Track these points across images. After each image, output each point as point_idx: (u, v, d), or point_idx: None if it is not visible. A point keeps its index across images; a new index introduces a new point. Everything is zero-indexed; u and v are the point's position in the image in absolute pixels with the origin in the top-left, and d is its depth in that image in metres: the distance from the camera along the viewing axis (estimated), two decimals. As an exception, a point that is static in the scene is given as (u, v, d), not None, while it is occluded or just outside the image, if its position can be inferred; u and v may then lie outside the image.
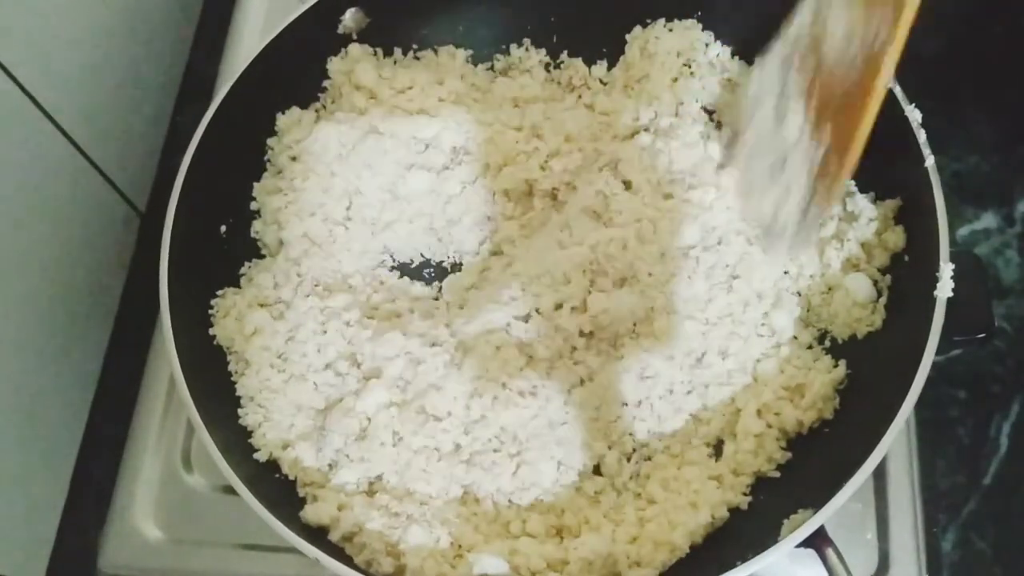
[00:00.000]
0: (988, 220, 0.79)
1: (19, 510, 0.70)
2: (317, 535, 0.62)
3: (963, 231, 0.79)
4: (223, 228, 0.73)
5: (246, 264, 0.74)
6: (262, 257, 0.74)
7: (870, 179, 0.70)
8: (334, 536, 0.63)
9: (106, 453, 0.75)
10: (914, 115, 0.65)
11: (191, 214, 0.68)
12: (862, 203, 0.70)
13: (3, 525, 0.68)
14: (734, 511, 0.64)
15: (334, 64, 0.78)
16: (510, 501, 0.66)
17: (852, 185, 0.71)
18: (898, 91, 0.65)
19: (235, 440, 0.65)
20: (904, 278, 0.66)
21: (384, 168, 0.75)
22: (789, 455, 0.66)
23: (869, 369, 0.66)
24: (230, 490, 0.60)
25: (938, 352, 0.73)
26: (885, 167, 0.68)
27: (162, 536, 0.71)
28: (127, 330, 0.81)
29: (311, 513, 0.63)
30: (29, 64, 0.66)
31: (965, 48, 0.87)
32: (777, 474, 0.65)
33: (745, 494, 0.65)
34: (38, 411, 0.72)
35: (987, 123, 0.83)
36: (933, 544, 0.68)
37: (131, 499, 0.72)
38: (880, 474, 0.69)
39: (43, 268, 0.72)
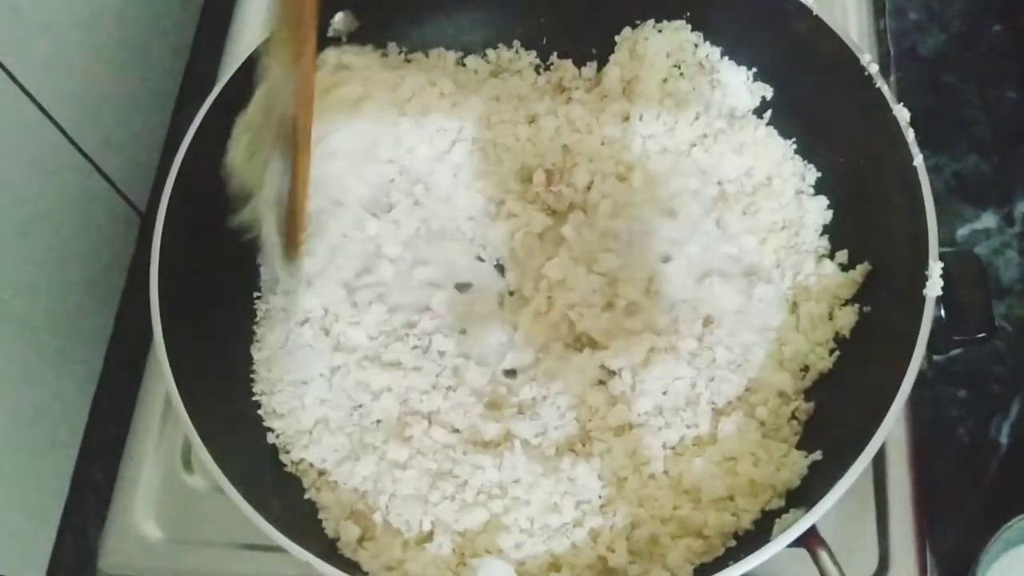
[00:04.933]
0: (988, 220, 0.79)
1: (19, 510, 0.70)
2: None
3: (963, 231, 0.79)
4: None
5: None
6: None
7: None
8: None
9: (106, 453, 0.75)
10: (902, 114, 0.65)
11: (184, 200, 0.68)
12: None
13: (3, 525, 0.68)
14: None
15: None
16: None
17: None
18: (886, 91, 0.65)
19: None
20: (896, 277, 0.66)
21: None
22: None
23: (863, 366, 0.66)
24: (230, 490, 0.60)
25: (938, 352, 0.73)
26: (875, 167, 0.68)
27: (163, 536, 0.71)
28: (127, 330, 0.81)
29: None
30: (29, 64, 0.66)
31: (965, 48, 0.87)
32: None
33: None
34: (38, 410, 0.72)
35: (987, 123, 0.83)
36: (932, 543, 0.68)
37: (131, 499, 0.72)
38: (880, 473, 0.69)
39: (43, 268, 0.72)
